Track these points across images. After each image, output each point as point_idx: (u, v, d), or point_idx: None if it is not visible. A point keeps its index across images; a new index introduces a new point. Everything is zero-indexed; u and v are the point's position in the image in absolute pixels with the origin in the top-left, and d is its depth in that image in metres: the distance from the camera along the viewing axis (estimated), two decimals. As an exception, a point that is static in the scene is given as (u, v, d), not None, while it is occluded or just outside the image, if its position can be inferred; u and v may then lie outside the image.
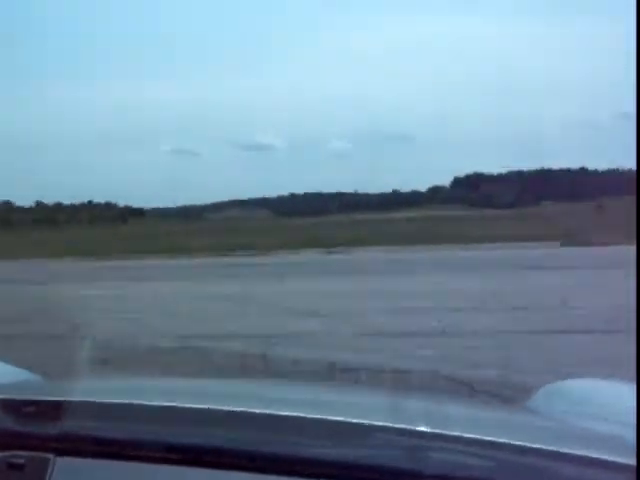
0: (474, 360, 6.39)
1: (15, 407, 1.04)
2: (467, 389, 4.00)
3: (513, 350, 6.95)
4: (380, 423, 0.98)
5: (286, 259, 31.16)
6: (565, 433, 1.10)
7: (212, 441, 0.96)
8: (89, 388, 1.40)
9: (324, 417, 0.99)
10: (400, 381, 4.10)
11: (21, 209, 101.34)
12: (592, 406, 1.29)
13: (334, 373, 4.75)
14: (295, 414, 1.02)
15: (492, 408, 1.95)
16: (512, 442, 0.90)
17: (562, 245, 33.75)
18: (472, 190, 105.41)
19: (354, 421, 0.97)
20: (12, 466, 0.93)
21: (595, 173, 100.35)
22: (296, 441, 0.96)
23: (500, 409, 2.04)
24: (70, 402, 1.08)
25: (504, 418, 1.30)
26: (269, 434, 0.96)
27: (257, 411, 1.02)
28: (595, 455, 0.86)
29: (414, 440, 0.92)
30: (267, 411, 1.02)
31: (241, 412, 1.02)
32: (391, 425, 0.97)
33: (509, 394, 3.68)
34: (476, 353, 6.94)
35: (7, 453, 0.95)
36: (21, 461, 0.93)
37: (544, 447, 0.88)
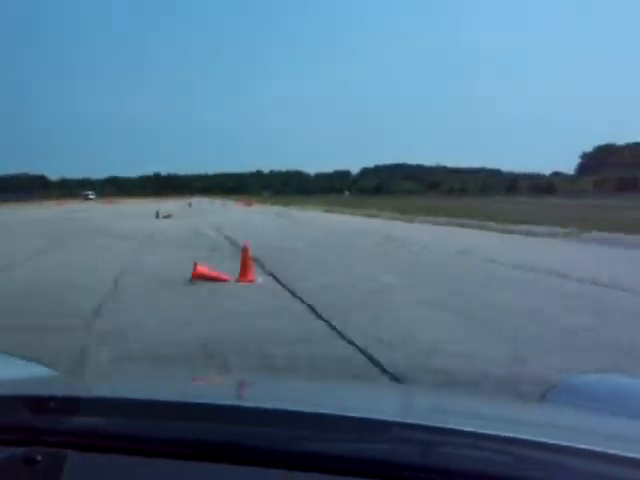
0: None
1: (32, 403, 1.06)
2: (486, 383, 3.97)
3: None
4: (398, 419, 0.98)
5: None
6: (582, 429, 1.09)
7: (226, 437, 0.97)
8: (105, 384, 1.42)
9: (341, 413, 0.99)
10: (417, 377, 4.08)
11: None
12: (609, 402, 1.28)
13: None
14: (311, 410, 1.02)
15: (510, 403, 1.93)
16: (530, 438, 0.90)
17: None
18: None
19: (370, 417, 0.97)
20: (29, 461, 0.94)
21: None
22: (310, 436, 0.96)
23: (518, 404, 2.03)
24: (86, 398, 1.10)
25: (522, 413, 1.29)
26: (286, 430, 0.97)
27: (273, 407, 1.02)
28: (611, 451, 0.86)
29: (432, 436, 0.92)
30: (284, 407, 1.03)
31: (256, 408, 1.03)
32: (409, 421, 0.97)
33: (528, 389, 3.64)
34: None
35: (24, 448, 0.96)
36: (38, 456, 0.95)
37: (560, 443, 0.88)
